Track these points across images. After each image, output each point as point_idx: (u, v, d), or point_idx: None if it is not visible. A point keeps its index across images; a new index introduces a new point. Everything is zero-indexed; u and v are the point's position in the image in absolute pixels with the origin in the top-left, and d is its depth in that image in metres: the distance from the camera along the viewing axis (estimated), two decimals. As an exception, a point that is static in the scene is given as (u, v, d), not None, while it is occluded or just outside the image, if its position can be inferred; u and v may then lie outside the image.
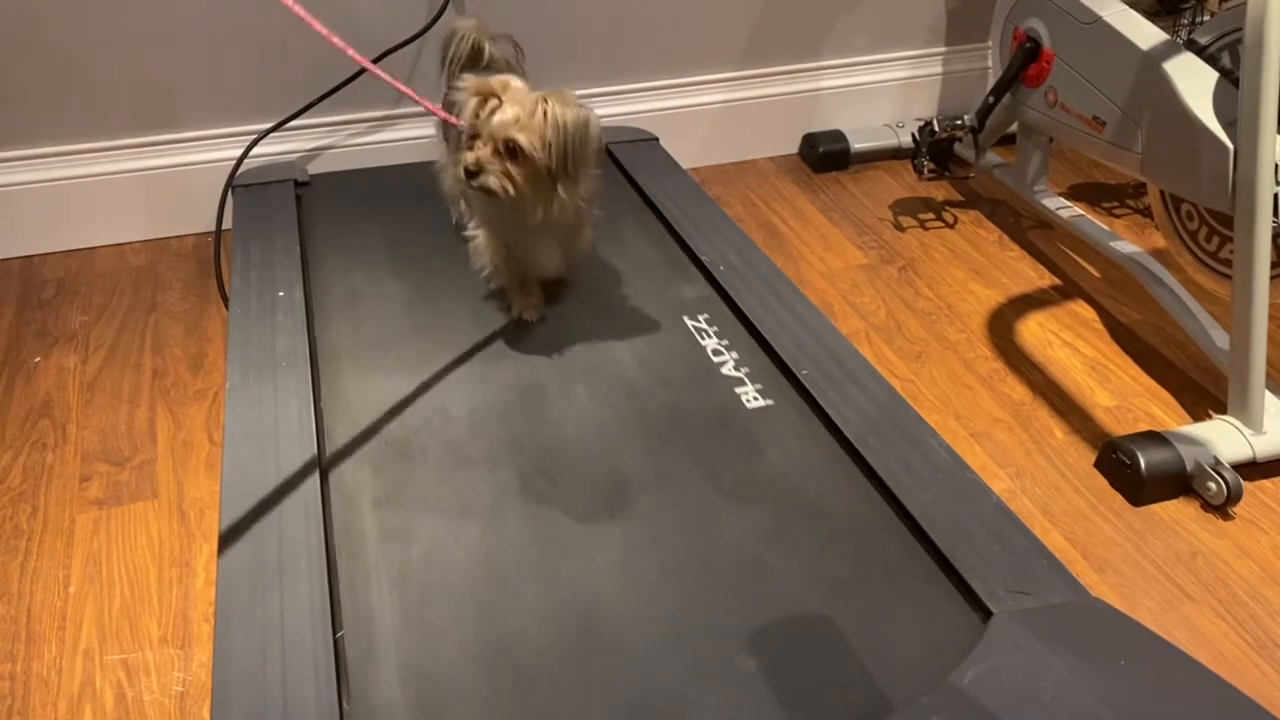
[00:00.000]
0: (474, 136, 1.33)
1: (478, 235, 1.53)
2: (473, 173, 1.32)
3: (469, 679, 1.00)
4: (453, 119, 1.41)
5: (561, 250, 1.54)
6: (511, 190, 1.32)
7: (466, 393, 1.40)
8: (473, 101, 1.33)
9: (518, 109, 1.30)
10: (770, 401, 1.39)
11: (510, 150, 1.31)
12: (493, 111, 1.32)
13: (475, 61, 1.65)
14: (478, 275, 1.57)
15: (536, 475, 1.25)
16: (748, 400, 1.38)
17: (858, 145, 2.31)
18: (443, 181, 1.72)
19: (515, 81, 1.35)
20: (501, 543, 1.16)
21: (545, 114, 1.30)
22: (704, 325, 1.54)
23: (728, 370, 1.44)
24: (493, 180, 1.31)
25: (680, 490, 1.24)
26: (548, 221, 1.39)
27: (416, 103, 1.45)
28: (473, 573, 1.12)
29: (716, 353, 1.47)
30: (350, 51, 1.32)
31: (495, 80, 1.34)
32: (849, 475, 1.26)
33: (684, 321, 1.54)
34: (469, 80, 1.36)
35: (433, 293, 1.62)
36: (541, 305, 1.57)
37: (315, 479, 1.22)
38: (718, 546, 1.16)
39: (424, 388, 1.41)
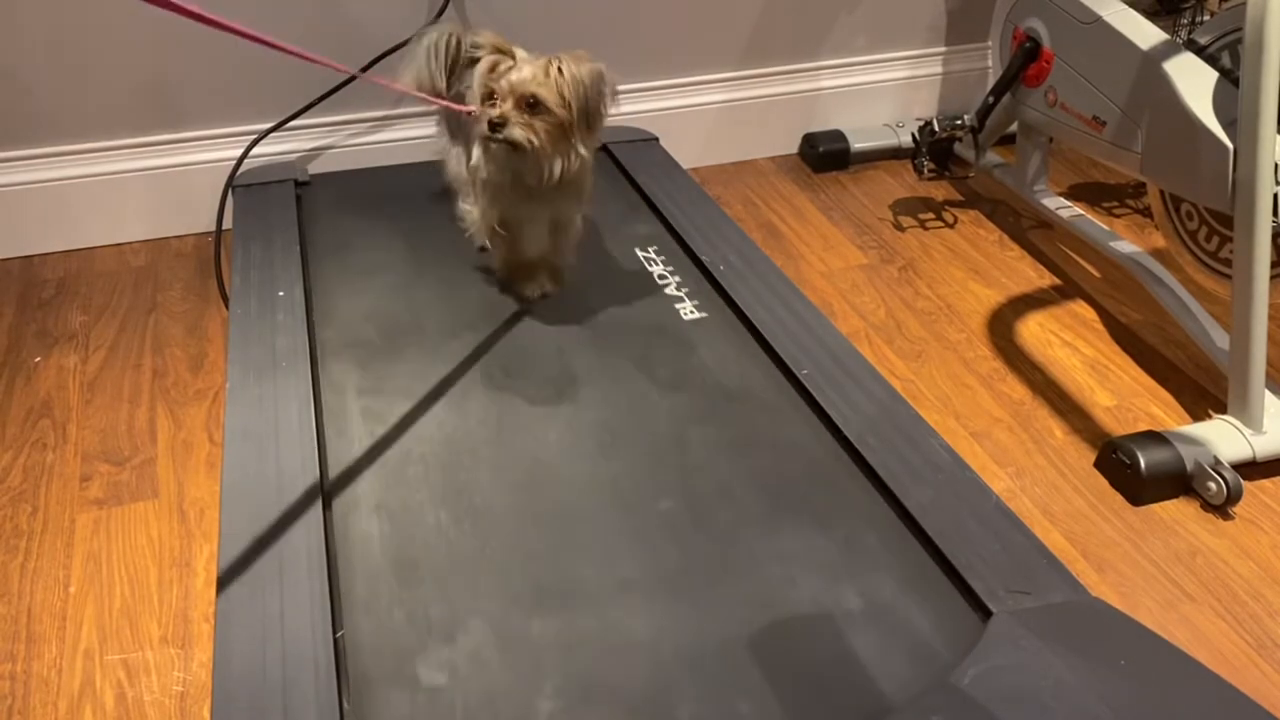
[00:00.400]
0: (490, 96, 1.36)
1: (471, 211, 1.55)
2: (497, 125, 1.33)
3: (433, 517, 1.20)
4: (459, 107, 1.42)
5: (551, 234, 1.56)
6: (536, 141, 1.34)
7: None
8: (486, 61, 1.36)
9: (532, 68, 1.33)
10: (705, 314, 1.58)
11: (531, 105, 1.33)
12: (508, 71, 1.34)
13: (472, 62, 1.65)
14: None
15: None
16: (685, 314, 1.58)
17: (858, 145, 2.31)
18: (445, 169, 1.73)
19: (521, 50, 1.37)
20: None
21: (560, 71, 1.33)
22: (653, 255, 1.73)
23: (670, 290, 1.64)
24: (517, 131, 1.33)
25: (620, 381, 1.43)
26: (561, 183, 1.42)
27: (418, 98, 1.45)
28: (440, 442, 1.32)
29: (661, 277, 1.67)
30: (333, 64, 1.31)
31: (504, 50, 1.37)
32: (767, 374, 1.36)
33: (635, 253, 1.74)
34: (485, 36, 1.38)
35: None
36: (544, 281, 1.59)
37: (315, 478, 1.22)
38: (649, 423, 1.35)
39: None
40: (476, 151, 1.44)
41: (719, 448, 1.30)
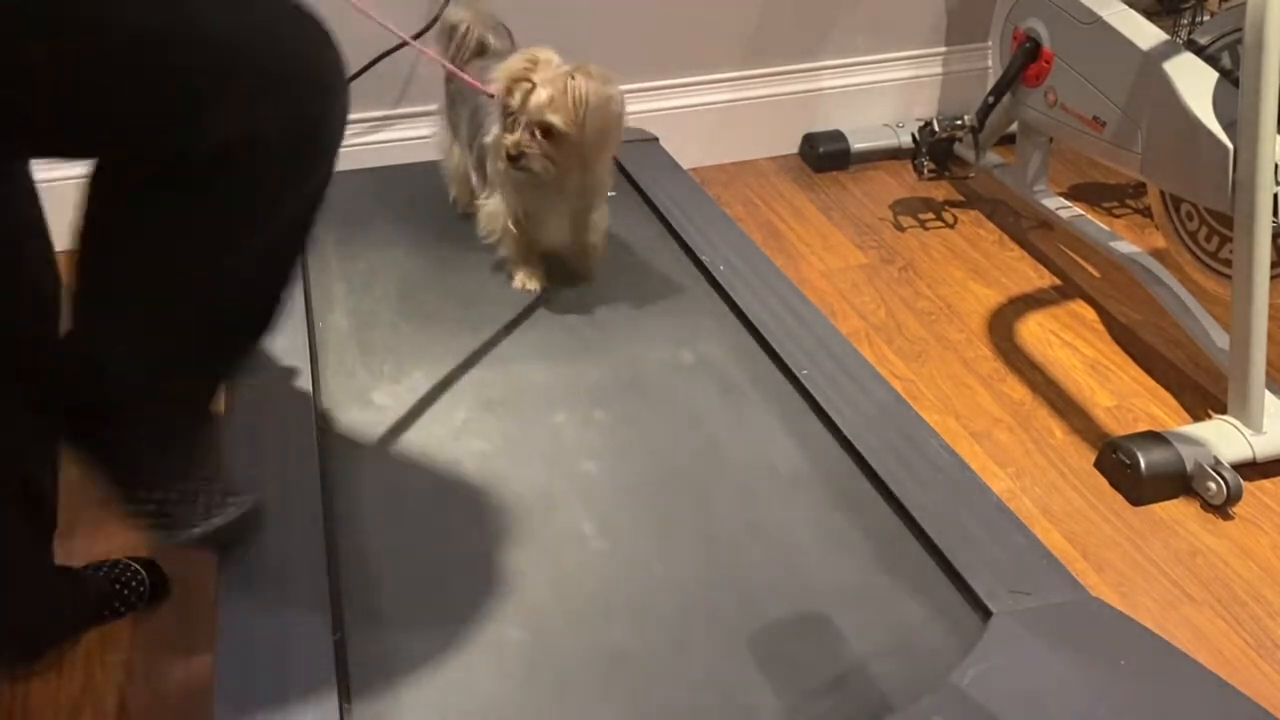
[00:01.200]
0: (509, 115, 1.41)
1: (489, 202, 1.57)
2: (514, 156, 1.40)
3: (389, 317, 1.56)
4: (487, 90, 1.46)
5: (572, 229, 1.60)
6: (552, 169, 1.42)
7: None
8: (515, 66, 1.40)
9: (550, 90, 1.37)
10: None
11: (545, 131, 1.38)
12: (527, 95, 1.38)
13: (479, 51, 1.67)
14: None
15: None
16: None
17: (858, 145, 2.31)
18: (445, 165, 1.76)
19: (544, 54, 1.40)
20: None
21: (573, 89, 1.37)
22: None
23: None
24: (535, 163, 1.41)
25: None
26: (578, 189, 1.49)
27: (453, 73, 1.49)
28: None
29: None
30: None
31: (526, 58, 1.40)
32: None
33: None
34: (509, 64, 1.41)
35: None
36: (543, 277, 1.62)
37: (315, 478, 1.22)
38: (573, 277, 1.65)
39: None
40: (491, 134, 1.47)
41: (629, 295, 1.62)
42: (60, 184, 2.01)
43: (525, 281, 1.61)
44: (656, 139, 2.09)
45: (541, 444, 1.32)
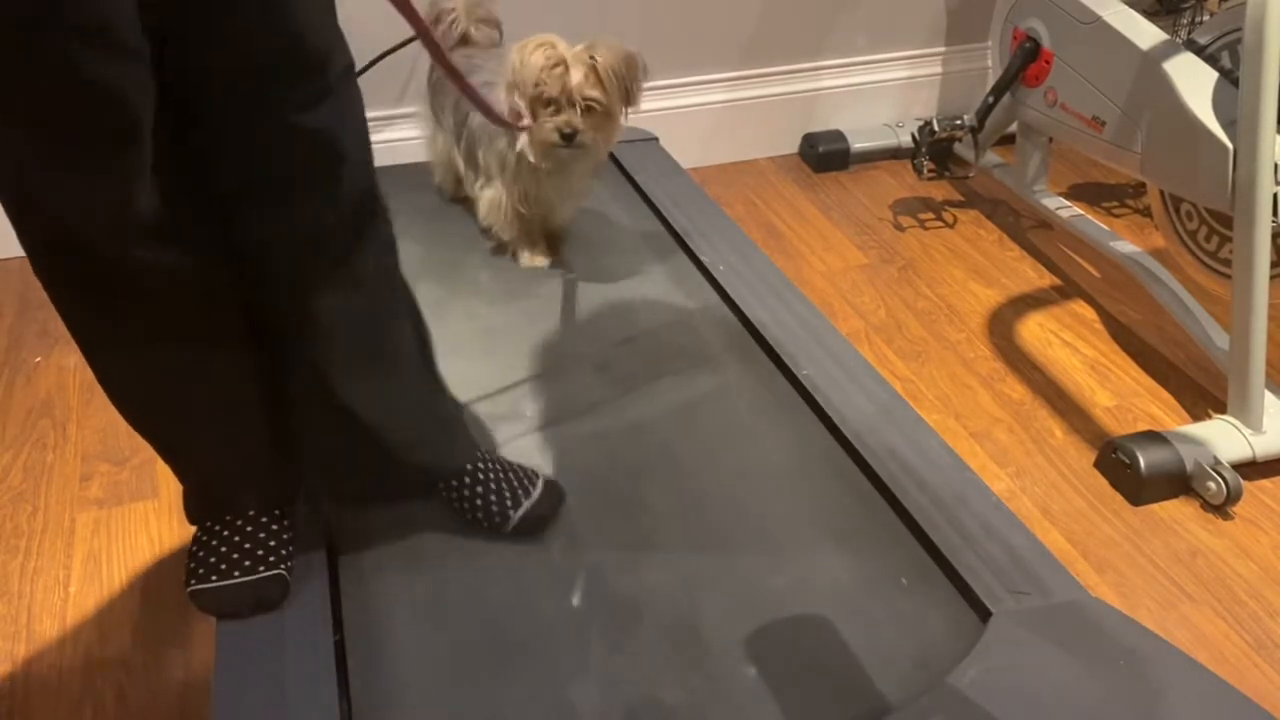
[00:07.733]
0: (548, 102, 1.45)
1: (488, 191, 1.62)
2: (569, 135, 1.47)
3: None
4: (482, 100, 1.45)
5: (570, 204, 1.68)
6: (600, 139, 1.50)
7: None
8: (541, 55, 1.45)
9: (583, 68, 1.44)
10: None
11: (588, 108, 1.45)
12: (563, 78, 1.44)
13: (462, 41, 1.68)
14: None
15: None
16: None
17: (858, 145, 2.31)
18: (429, 151, 1.82)
19: (552, 38, 1.46)
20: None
21: (597, 67, 1.44)
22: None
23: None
24: (588, 137, 1.47)
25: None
26: (593, 163, 1.59)
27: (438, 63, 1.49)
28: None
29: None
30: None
31: (542, 46, 1.45)
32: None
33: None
34: (527, 59, 1.45)
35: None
36: (546, 251, 1.70)
37: (315, 479, 1.22)
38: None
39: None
40: (522, 140, 1.50)
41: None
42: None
43: (533, 259, 1.68)
44: (656, 139, 2.09)
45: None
